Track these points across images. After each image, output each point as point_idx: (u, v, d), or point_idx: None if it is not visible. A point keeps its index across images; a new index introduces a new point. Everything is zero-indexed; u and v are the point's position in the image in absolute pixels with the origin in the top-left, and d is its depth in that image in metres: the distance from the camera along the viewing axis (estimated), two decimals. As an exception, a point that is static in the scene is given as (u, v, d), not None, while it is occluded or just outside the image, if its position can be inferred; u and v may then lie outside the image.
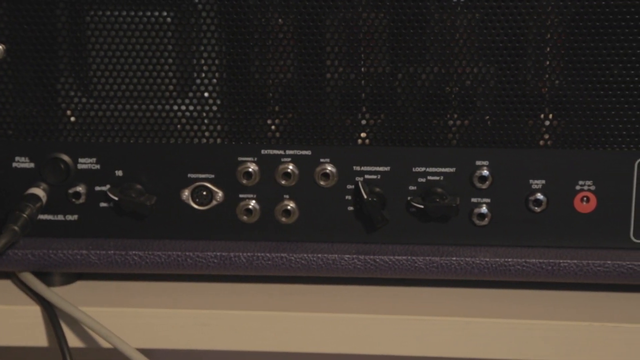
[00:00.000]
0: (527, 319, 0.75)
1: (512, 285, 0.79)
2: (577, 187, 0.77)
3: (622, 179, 0.76)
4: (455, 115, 0.77)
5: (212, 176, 0.79)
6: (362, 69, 0.77)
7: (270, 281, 0.80)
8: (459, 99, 0.76)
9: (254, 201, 0.79)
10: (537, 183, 0.77)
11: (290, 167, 0.78)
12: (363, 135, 0.78)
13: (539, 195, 0.77)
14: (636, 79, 0.74)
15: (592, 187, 0.77)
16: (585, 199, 0.77)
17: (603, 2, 0.73)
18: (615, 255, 0.76)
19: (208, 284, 0.80)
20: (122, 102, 0.78)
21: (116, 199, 0.78)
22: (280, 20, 0.76)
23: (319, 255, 0.77)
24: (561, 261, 0.76)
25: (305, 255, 0.78)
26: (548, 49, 0.75)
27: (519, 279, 0.77)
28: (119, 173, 0.79)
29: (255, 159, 0.78)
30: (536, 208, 0.77)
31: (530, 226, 0.78)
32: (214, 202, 0.79)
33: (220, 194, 0.79)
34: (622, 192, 0.76)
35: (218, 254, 0.78)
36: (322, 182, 0.78)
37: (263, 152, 0.78)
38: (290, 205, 0.79)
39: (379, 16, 0.75)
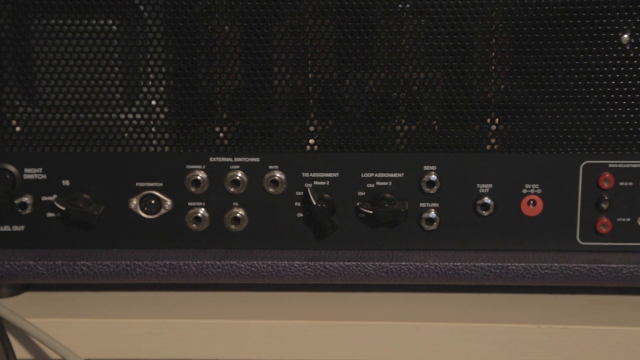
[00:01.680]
0: (475, 323, 0.76)
1: (461, 288, 0.80)
2: (524, 191, 0.78)
3: (568, 182, 0.77)
4: (403, 121, 0.77)
5: (161, 184, 0.78)
6: (310, 76, 0.77)
7: (220, 289, 0.80)
8: (407, 104, 0.77)
9: (203, 209, 0.79)
10: (484, 187, 0.78)
11: (239, 174, 0.78)
12: (311, 141, 0.78)
13: (487, 199, 0.78)
14: (580, 83, 0.75)
15: (539, 191, 0.77)
16: (532, 202, 0.78)
17: (546, 7, 0.74)
18: (562, 257, 0.77)
19: (158, 293, 0.80)
20: (68, 111, 0.77)
21: (63, 209, 0.77)
22: (226, 27, 0.76)
23: (269, 262, 0.77)
24: (509, 264, 0.77)
25: (254, 262, 0.78)
26: (493, 54, 0.75)
27: (467, 282, 0.78)
28: (66, 183, 0.78)
29: (204, 166, 0.78)
30: (484, 212, 0.78)
31: (478, 230, 0.78)
32: (163, 211, 0.79)
33: (168, 202, 0.78)
34: (569, 195, 0.77)
35: (167, 262, 0.77)
36: (271, 189, 0.78)
37: (211, 159, 0.78)
38: (240, 212, 0.78)
39: (326, 23, 0.75)
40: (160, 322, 0.76)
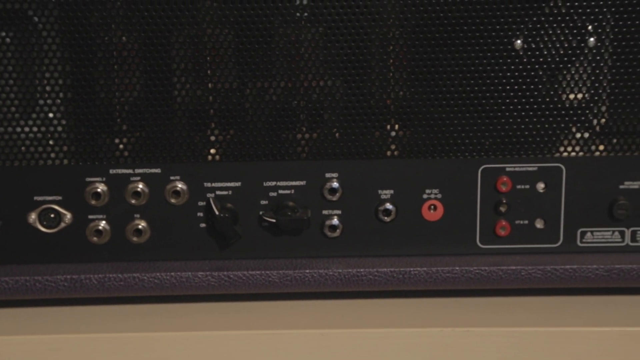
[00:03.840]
0: (380, 328, 0.76)
1: (366, 294, 0.80)
2: (425, 196, 0.78)
3: (468, 186, 0.78)
4: (304, 129, 0.78)
5: (60, 198, 0.77)
6: (210, 85, 0.77)
7: (123, 302, 0.79)
8: (307, 112, 0.77)
9: (103, 222, 0.78)
10: (385, 193, 0.78)
11: (140, 185, 0.77)
12: (213, 151, 0.78)
13: (388, 205, 0.78)
14: (476, 88, 0.76)
15: (439, 196, 0.78)
16: (432, 207, 0.79)
17: (442, 15, 0.75)
18: (463, 261, 0.78)
19: (59, 308, 0.78)
20: (-38, 125, 0.75)
21: (-41, 225, 0.76)
22: (124, 38, 0.75)
23: (172, 273, 0.77)
24: (411, 269, 0.78)
25: (158, 274, 0.77)
26: (391, 61, 0.76)
27: (371, 288, 0.78)
28: (-38, 198, 0.77)
29: (104, 179, 0.77)
30: (386, 218, 0.78)
31: (380, 236, 0.79)
32: (63, 224, 0.77)
33: (68, 215, 0.77)
34: (468, 199, 0.78)
35: (68, 277, 0.76)
36: (172, 200, 0.78)
37: (111, 171, 0.77)
38: (141, 224, 0.78)
39: (224, 32, 0.75)
40: (62, 338, 0.75)
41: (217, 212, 0.77)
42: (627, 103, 0.76)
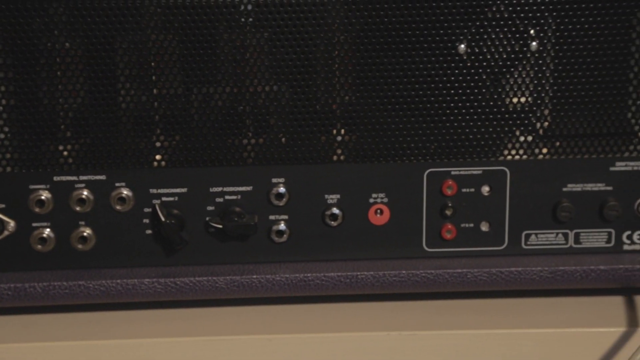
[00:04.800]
0: (327, 333, 0.76)
1: (314, 299, 0.80)
2: (371, 200, 0.79)
3: (413, 190, 0.79)
4: (250, 134, 0.77)
5: (3, 206, 0.76)
6: (155, 91, 0.76)
7: (69, 310, 0.78)
8: (253, 117, 0.77)
9: (48, 229, 0.77)
10: (332, 198, 0.79)
11: (85, 192, 0.77)
12: (158, 157, 0.77)
13: (335, 210, 0.78)
14: (420, 92, 0.76)
15: (385, 200, 0.79)
16: (379, 211, 0.79)
17: (386, 20, 0.75)
18: (409, 264, 0.79)
19: (3, 317, 0.78)
20: None
21: None
22: (67, 44, 0.74)
23: (118, 281, 0.76)
24: (358, 273, 0.78)
25: (103, 281, 0.76)
26: (336, 66, 0.76)
27: (318, 293, 0.78)
28: None
29: (48, 186, 0.76)
30: (332, 222, 0.79)
31: (327, 240, 0.79)
32: (6, 233, 0.77)
33: (12, 223, 0.76)
34: (414, 203, 0.79)
35: (12, 285, 0.75)
36: (118, 207, 0.77)
37: (56, 178, 0.76)
38: (87, 231, 0.77)
39: (169, 38, 0.75)
40: (4, 347, 0.74)
41: (163, 219, 0.76)
42: (570, 106, 0.77)
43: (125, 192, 0.77)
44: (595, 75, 0.76)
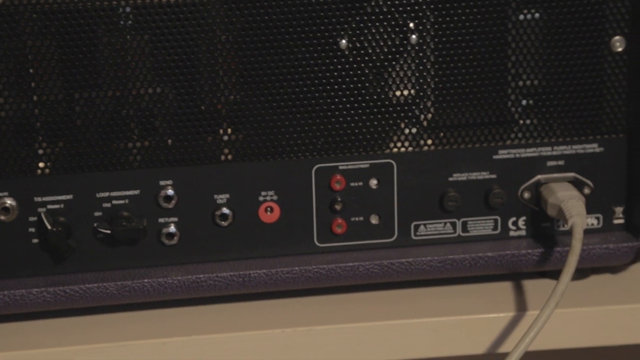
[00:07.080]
0: (222, 333, 0.76)
1: (207, 300, 0.80)
2: (261, 198, 0.79)
3: (303, 187, 0.79)
4: (135, 137, 0.77)
5: None
6: (35, 98, 0.75)
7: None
8: (137, 120, 0.76)
9: None
10: (221, 198, 0.78)
11: (-33, 204, 0.75)
12: (41, 164, 0.76)
13: (225, 210, 0.78)
14: (305, 89, 0.77)
15: (275, 197, 0.79)
16: (269, 209, 0.79)
17: (267, 17, 0.75)
18: (301, 260, 0.79)
19: None
20: None
21: None
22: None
23: (5, 292, 0.75)
24: (251, 272, 0.78)
25: (-10, 294, 0.75)
26: (219, 65, 0.76)
27: (211, 294, 0.78)
28: None
29: None
30: (223, 222, 0.78)
31: (218, 241, 0.79)
32: None
33: None
34: (304, 199, 0.79)
35: None
36: (2, 217, 0.76)
37: None
38: (-29, 243, 0.75)
39: (46, 43, 0.73)
40: None
41: (49, 227, 0.75)
42: (452, 97, 0.78)
43: (9, 201, 0.76)
44: (475, 65, 0.77)
